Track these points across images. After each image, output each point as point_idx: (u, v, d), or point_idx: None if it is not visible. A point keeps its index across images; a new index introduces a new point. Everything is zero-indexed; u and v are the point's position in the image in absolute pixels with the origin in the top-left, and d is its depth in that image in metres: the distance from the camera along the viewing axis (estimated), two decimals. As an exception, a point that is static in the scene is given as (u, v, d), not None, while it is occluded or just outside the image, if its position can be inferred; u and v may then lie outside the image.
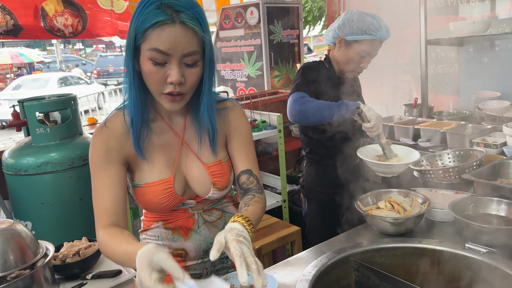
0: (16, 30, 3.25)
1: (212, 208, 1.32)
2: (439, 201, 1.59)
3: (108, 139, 1.16)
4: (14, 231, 1.26)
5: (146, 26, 1.02)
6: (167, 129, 1.22)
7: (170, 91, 1.07)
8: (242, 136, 1.29)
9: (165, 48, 1.02)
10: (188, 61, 1.06)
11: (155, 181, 1.19)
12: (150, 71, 1.05)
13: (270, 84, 3.98)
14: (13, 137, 2.63)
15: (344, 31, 1.92)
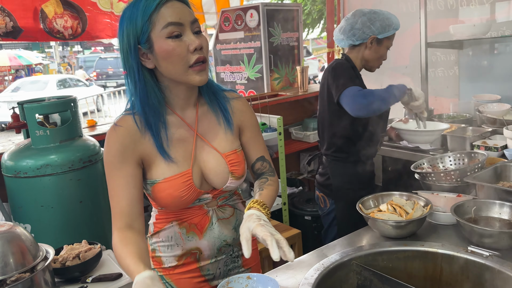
0: (15, 32, 3.24)
1: (225, 204, 1.33)
2: (441, 204, 1.58)
3: (123, 138, 1.16)
4: (14, 234, 1.25)
5: (149, 12, 1.08)
6: (181, 123, 1.24)
7: (197, 58, 1.11)
8: (253, 126, 1.35)
9: (177, 18, 1.09)
10: (196, 28, 1.14)
11: (174, 175, 1.19)
12: (172, 47, 1.09)
13: (270, 87, 3.98)
14: (12, 139, 2.62)
15: (375, 31, 2.00)
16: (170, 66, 1.12)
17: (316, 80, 13.78)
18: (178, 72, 1.13)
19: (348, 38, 2.05)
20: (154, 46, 1.11)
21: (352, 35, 2.03)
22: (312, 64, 15.11)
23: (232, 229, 1.34)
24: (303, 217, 3.15)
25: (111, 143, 1.17)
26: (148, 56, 1.14)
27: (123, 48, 1.13)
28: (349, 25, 2.04)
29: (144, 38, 1.11)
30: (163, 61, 1.12)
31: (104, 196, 2.13)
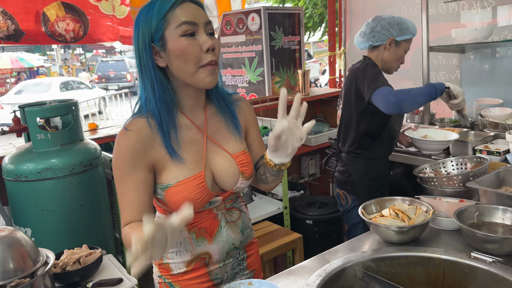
0: (17, 35, 3.24)
1: (232, 207, 1.34)
2: (443, 209, 1.58)
3: (134, 143, 1.16)
4: (14, 238, 1.24)
5: (164, 11, 1.11)
6: (190, 125, 1.24)
7: (209, 61, 1.13)
8: (256, 125, 1.39)
9: (191, 18, 1.11)
10: (209, 30, 1.15)
11: (188, 178, 1.19)
12: (185, 46, 1.11)
13: (271, 90, 3.97)
14: (13, 142, 2.61)
15: (393, 33, 2.15)
16: (183, 65, 1.13)
17: (318, 83, 13.77)
18: (189, 71, 1.13)
19: (368, 40, 2.20)
20: (168, 44, 1.12)
21: (372, 37, 2.18)
22: (313, 67, 15.12)
23: (239, 232, 1.34)
24: (304, 221, 3.14)
25: (122, 148, 1.16)
26: (161, 55, 1.15)
27: (138, 47, 1.15)
28: (369, 28, 2.19)
29: (158, 36, 1.12)
30: (175, 60, 1.13)
31: (105, 200, 2.13)
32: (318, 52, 21.96)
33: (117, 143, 1.18)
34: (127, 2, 3.82)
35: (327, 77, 4.56)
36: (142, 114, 1.19)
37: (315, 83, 13.53)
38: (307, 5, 9.84)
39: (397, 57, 2.22)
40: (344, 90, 2.28)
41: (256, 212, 2.85)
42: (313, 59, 17.75)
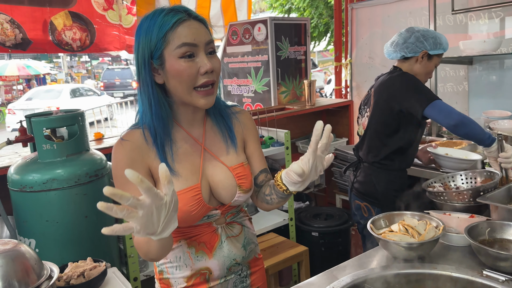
0: (24, 44, 3.25)
1: (233, 221, 1.32)
2: (453, 225, 1.55)
3: (130, 151, 1.15)
4: (19, 252, 1.23)
5: (165, 30, 1.09)
6: (187, 137, 1.23)
7: (205, 81, 1.12)
8: (255, 138, 1.36)
9: (191, 39, 1.10)
10: (210, 49, 1.14)
11: (183, 189, 1.18)
12: (183, 68, 1.10)
13: (277, 100, 3.96)
14: (19, 151, 2.61)
15: (427, 46, 2.11)
16: (178, 85, 1.13)
17: (322, 92, 13.77)
18: (184, 91, 1.14)
19: (401, 50, 2.15)
20: (166, 63, 1.12)
21: (405, 48, 2.13)
22: (318, 77, 15.15)
23: (241, 248, 1.31)
24: (310, 233, 3.11)
25: (119, 157, 1.16)
26: (159, 72, 1.14)
27: (138, 61, 1.15)
28: (402, 39, 2.15)
29: (157, 54, 1.11)
30: (172, 79, 1.13)
31: (109, 211, 2.11)
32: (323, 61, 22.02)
33: (114, 153, 1.18)
34: (134, 12, 3.84)
35: (332, 86, 4.55)
36: (139, 126, 1.20)
37: (320, 93, 13.54)
38: (312, 15, 9.87)
39: (427, 71, 2.18)
40: (374, 98, 2.21)
41: (261, 224, 2.82)
42: (318, 68, 17.78)
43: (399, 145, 2.15)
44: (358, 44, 3.95)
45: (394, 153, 2.17)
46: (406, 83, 2.08)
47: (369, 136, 2.25)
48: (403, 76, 2.11)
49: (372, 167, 2.23)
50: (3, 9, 3.08)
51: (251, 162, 1.34)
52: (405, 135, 2.14)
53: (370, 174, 2.23)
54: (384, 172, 2.20)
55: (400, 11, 3.51)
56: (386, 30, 3.66)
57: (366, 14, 3.82)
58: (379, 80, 2.24)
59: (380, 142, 2.19)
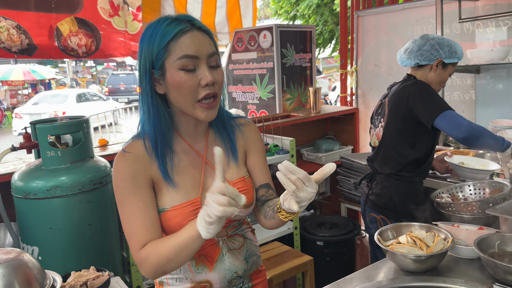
0: (30, 49, 3.26)
1: (235, 234, 1.29)
2: (462, 237, 1.52)
3: (133, 163, 1.14)
4: (21, 261, 1.21)
5: (166, 40, 1.07)
6: (189, 150, 1.21)
7: (206, 93, 1.09)
8: (259, 151, 1.32)
9: (193, 52, 1.07)
10: (213, 62, 1.11)
11: (182, 203, 1.16)
12: (183, 79, 1.08)
13: (282, 107, 3.95)
14: (23, 157, 2.60)
15: (442, 55, 2.07)
16: (179, 97, 1.11)
17: (327, 99, 13.76)
18: (186, 104, 1.11)
19: (415, 58, 2.11)
20: (167, 74, 1.10)
21: (420, 55, 2.09)
22: (323, 83, 15.16)
23: (243, 260, 1.29)
24: (314, 242, 3.08)
25: (121, 168, 1.14)
26: (160, 82, 1.12)
27: (140, 69, 1.13)
28: (417, 46, 2.11)
29: (158, 65, 1.09)
30: (172, 91, 1.11)
31: (113, 218, 2.09)
32: (327, 67, 22.03)
33: (115, 165, 1.16)
34: (140, 18, 3.85)
35: (337, 93, 4.54)
36: (140, 136, 1.18)
37: (324, 99, 13.53)
38: (317, 22, 9.88)
39: (441, 80, 2.13)
40: (389, 108, 2.15)
41: (265, 232, 2.80)
42: (322, 74, 17.79)
43: (417, 156, 2.10)
44: (363, 51, 3.94)
45: (411, 164, 2.11)
46: (419, 91, 2.03)
47: (384, 147, 2.18)
48: (416, 84, 2.07)
49: (389, 179, 2.16)
50: (10, 14, 3.09)
51: (252, 175, 1.31)
52: (422, 146, 2.09)
53: (387, 186, 2.15)
54: (402, 184, 2.13)
55: (406, 19, 3.50)
56: (392, 38, 3.65)
57: (372, 22, 3.81)
58: (393, 89, 2.19)
59: (396, 153, 2.13)
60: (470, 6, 3.00)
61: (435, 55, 2.07)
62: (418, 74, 2.14)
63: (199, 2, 4.16)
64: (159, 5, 3.91)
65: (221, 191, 0.94)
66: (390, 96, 2.16)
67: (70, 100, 13.20)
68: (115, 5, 3.68)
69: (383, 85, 3.76)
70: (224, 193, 0.94)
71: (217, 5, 4.32)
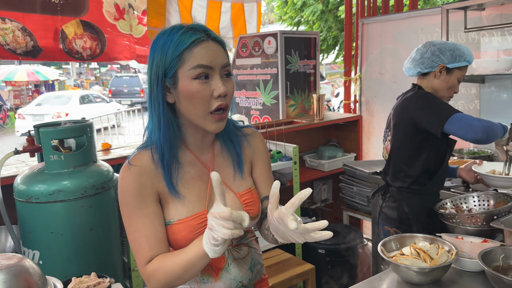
0: (35, 51, 3.27)
1: (240, 243, 1.28)
2: (466, 250, 1.51)
3: (139, 177, 1.12)
4: (22, 268, 1.20)
5: (181, 48, 1.06)
6: (195, 161, 1.20)
7: (218, 105, 1.09)
8: (264, 162, 1.32)
9: (208, 62, 1.07)
10: (226, 72, 1.11)
11: (188, 216, 1.15)
12: (196, 89, 1.07)
13: (285, 113, 3.95)
14: (25, 160, 2.60)
15: (444, 60, 2.00)
16: (191, 107, 1.09)
17: (330, 105, 13.75)
18: (198, 114, 1.10)
19: (417, 66, 2.07)
20: (179, 83, 1.08)
21: (421, 63, 2.05)
22: (326, 89, 15.16)
23: (248, 269, 1.28)
24: (316, 250, 3.06)
25: (128, 182, 1.12)
26: (171, 91, 1.11)
27: (151, 77, 1.11)
28: (419, 54, 2.07)
29: (171, 73, 1.08)
30: (184, 100, 1.09)
31: (115, 223, 2.09)
32: (330, 73, 22.05)
33: (121, 178, 1.14)
34: (145, 22, 3.86)
35: (340, 99, 4.54)
36: (147, 146, 1.17)
37: (327, 105, 13.52)
38: (321, 28, 9.89)
39: (449, 86, 2.05)
40: (393, 121, 2.12)
41: (267, 239, 2.78)
42: (325, 80, 17.79)
43: (426, 167, 2.05)
44: (368, 59, 3.93)
45: (423, 176, 2.06)
46: (420, 101, 1.99)
47: (393, 161, 2.14)
48: (416, 94, 2.03)
49: (401, 192, 2.11)
50: (15, 16, 3.10)
51: (257, 186, 1.31)
52: (431, 156, 2.04)
53: (400, 200, 2.10)
54: (415, 197, 2.07)
55: (411, 27, 3.49)
56: (397, 46, 3.64)
57: (377, 29, 3.80)
58: (399, 100, 2.14)
59: (405, 165, 2.08)
60: (475, 15, 2.99)
61: (436, 61, 2.02)
62: (424, 83, 2.10)
63: (204, 7, 4.17)
64: (164, 9, 3.91)
65: (225, 217, 0.94)
66: (394, 109, 2.14)
67: (73, 102, 13.22)
68: (120, 9, 3.69)
69: (387, 93, 3.76)
70: (229, 218, 0.94)
71: (222, 10, 4.33)
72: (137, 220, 1.12)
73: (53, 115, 12.09)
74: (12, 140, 12.41)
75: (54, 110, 12.46)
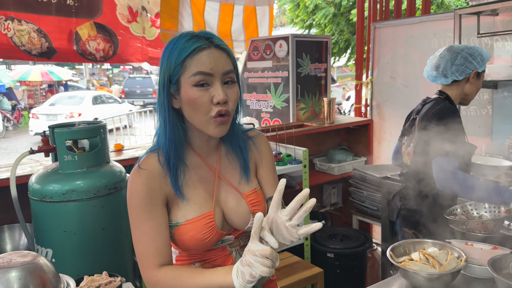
0: (49, 53, 3.32)
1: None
2: (476, 256, 1.51)
3: (149, 180, 1.15)
4: (37, 265, 1.23)
5: (183, 56, 1.09)
6: (202, 164, 1.23)
7: (218, 111, 1.10)
8: (268, 163, 1.34)
9: (207, 69, 1.09)
10: (227, 79, 1.13)
11: (196, 217, 1.18)
12: (196, 96, 1.09)
13: (296, 117, 3.96)
14: (40, 160, 2.64)
15: (476, 65, 2.00)
16: (193, 113, 1.13)
17: (340, 108, 13.72)
18: (200, 119, 1.13)
19: (452, 75, 2.03)
20: (181, 90, 1.12)
21: (456, 71, 2.02)
22: (337, 92, 15.12)
23: None
24: (325, 254, 3.06)
25: (137, 186, 1.15)
26: (176, 97, 1.15)
27: (159, 82, 1.16)
28: (449, 62, 2.03)
29: (174, 80, 1.12)
30: (186, 106, 1.13)
31: (126, 224, 2.11)
32: (341, 76, 21.98)
33: (131, 182, 1.17)
34: (157, 24, 3.90)
35: (351, 102, 4.53)
36: (155, 150, 1.20)
37: (338, 109, 13.49)
38: (333, 31, 9.88)
39: (477, 89, 2.07)
40: (419, 127, 2.07)
41: (276, 242, 2.79)
42: (336, 83, 17.75)
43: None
44: (379, 63, 3.93)
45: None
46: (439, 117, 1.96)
47: (415, 166, 2.08)
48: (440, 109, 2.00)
49: (421, 195, 2.07)
50: (31, 18, 3.15)
51: (262, 186, 1.33)
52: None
53: (420, 203, 2.07)
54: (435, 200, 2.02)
55: (423, 32, 3.48)
56: (409, 50, 3.63)
57: (389, 33, 3.80)
58: (425, 108, 2.10)
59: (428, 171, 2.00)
60: (489, 20, 2.97)
61: (470, 68, 2.00)
62: (453, 90, 2.07)
63: (216, 10, 4.20)
64: (177, 12, 3.95)
65: (266, 255, 0.98)
66: (421, 116, 2.08)
67: (86, 102, 13.43)
68: (133, 11, 3.74)
69: (399, 97, 3.75)
70: (269, 256, 0.98)
71: (234, 13, 4.36)
72: (145, 223, 1.15)
73: (66, 115, 12.33)
74: (26, 139, 12.58)
75: (67, 110, 12.69)
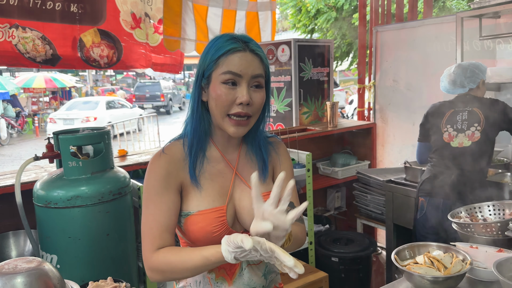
0: (54, 60, 3.34)
1: None
2: (481, 259, 1.50)
3: (168, 164, 1.21)
4: (42, 271, 1.23)
5: (219, 54, 1.16)
6: (221, 159, 1.27)
7: (237, 111, 1.16)
8: (287, 168, 1.36)
9: (237, 70, 1.15)
10: (255, 83, 1.18)
11: (208, 209, 1.21)
12: (222, 92, 1.15)
13: (299, 121, 3.96)
14: (44, 166, 2.65)
15: (482, 76, 2.49)
16: (214, 107, 1.19)
17: (343, 112, 13.71)
18: (218, 115, 1.19)
19: (469, 84, 2.48)
20: (210, 84, 1.18)
21: (470, 81, 2.48)
22: (339, 96, 15.13)
23: (261, 276, 1.30)
24: (329, 258, 3.05)
25: (156, 168, 1.21)
26: (205, 90, 1.21)
27: (195, 74, 1.24)
28: (461, 75, 2.48)
29: (207, 74, 1.19)
30: (211, 100, 1.19)
31: (130, 229, 2.12)
32: (344, 80, 21.97)
33: (151, 163, 1.23)
34: (161, 31, 3.92)
35: (354, 106, 4.52)
36: (181, 137, 1.27)
37: (341, 112, 13.47)
38: (335, 35, 9.89)
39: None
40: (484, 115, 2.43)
41: (280, 246, 2.78)
42: (339, 87, 17.74)
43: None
44: (382, 66, 3.93)
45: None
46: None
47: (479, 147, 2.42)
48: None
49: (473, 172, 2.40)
50: (36, 26, 3.17)
51: None
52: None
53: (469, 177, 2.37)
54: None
55: (426, 35, 3.48)
56: (411, 54, 3.63)
57: (391, 37, 3.80)
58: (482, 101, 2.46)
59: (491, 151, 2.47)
60: (491, 23, 2.97)
61: (479, 77, 2.47)
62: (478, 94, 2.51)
63: (219, 16, 4.22)
64: (180, 18, 3.97)
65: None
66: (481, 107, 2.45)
67: (101, 107, 14.11)
68: (137, 18, 3.75)
69: (402, 101, 3.75)
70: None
71: (236, 19, 4.37)
72: (155, 206, 1.19)
73: (82, 119, 13.03)
74: (30, 145, 12.65)
75: (83, 115, 13.37)
